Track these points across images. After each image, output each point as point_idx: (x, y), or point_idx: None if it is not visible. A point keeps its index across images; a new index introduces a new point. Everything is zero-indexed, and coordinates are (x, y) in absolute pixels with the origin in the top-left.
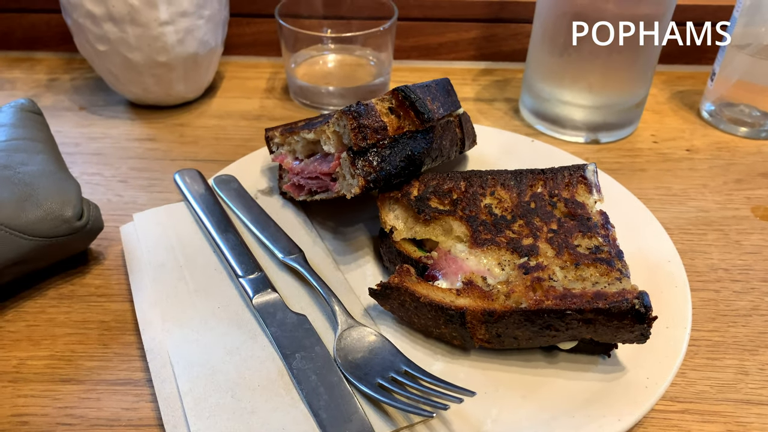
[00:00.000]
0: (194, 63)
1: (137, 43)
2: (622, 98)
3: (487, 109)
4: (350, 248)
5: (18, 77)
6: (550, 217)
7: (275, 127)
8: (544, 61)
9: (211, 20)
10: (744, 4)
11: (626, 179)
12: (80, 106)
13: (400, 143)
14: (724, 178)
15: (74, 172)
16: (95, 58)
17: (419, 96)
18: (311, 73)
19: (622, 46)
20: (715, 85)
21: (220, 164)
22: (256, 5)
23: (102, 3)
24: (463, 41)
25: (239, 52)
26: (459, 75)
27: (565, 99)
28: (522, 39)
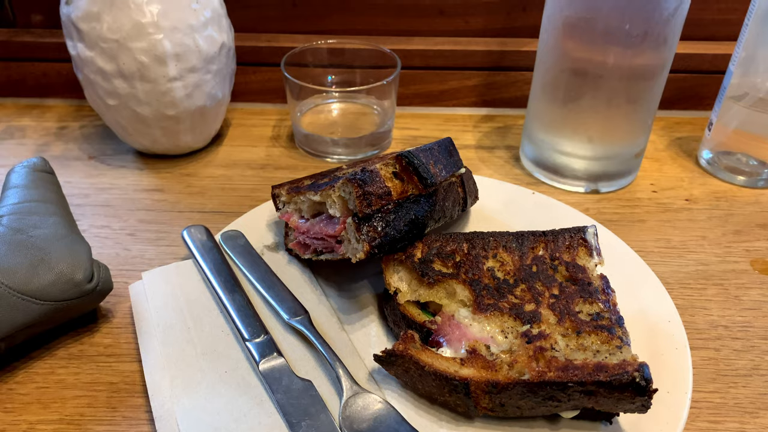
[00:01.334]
0: (202, 115)
1: (146, 98)
2: (622, 149)
3: (488, 157)
4: (355, 306)
5: (28, 125)
6: (551, 282)
7: (282, 184)
8: (544, 112)
9: (219, 74)
10: (740, 57)
11: (626, 231)
12: (89, 155)
13: (404, 208)
14: (723, 230)
15: (83, 225)
16: (105, 111)
17: (422, 161)
18: (316, 122)
19: (622, 99)
20: (712, 135)
21: (226, 216)
22: (263, 55)
23: (112, 60)
24: (464, 88)
25: (246, 99)
26: (460, 121)
27: (565, 150)
28: (522, 86)
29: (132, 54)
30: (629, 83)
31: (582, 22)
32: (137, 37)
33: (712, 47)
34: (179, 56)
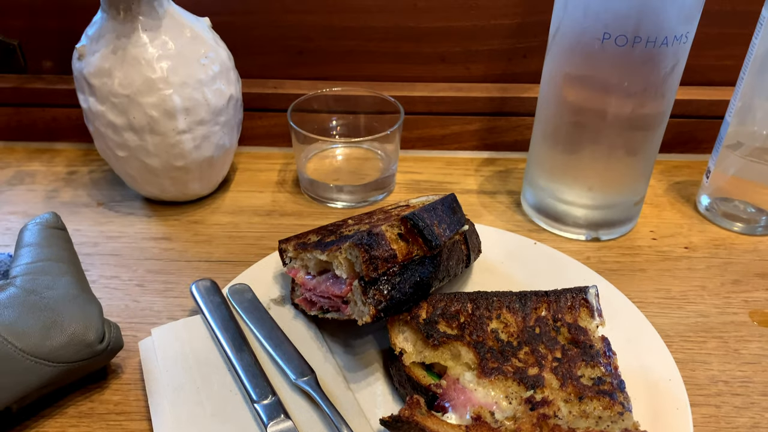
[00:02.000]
0: (210, 165)
1: (156, 150)
2: (623, 198)
3: (490, 203)
4: (360, 364)
5: (38, 170)
6: (554, 344)
7: (289, 239)
8: (545, 161)
9: (227, 125)
10: (736, 107)
11: (627, 281)
12: (98, 202)
13: (410, 270)
14: (722, 279)
15: (93, 276)
16: (115, 162)
17: (426, 223)
18: (321, 167)
19: (621, 150)
20: (710, 181)
21: (233, 266)
22: (269, 101)
23: (123, 114)
24: (466, 132)
25: (252, 143)
26: (462, 165)
27: (565, 198)
28: (523, 130)
29: (142, 109)
30: (628, 135)
31: (581, 78)
32: (147, 92)
33: (709, 93)
34: (188, 110)
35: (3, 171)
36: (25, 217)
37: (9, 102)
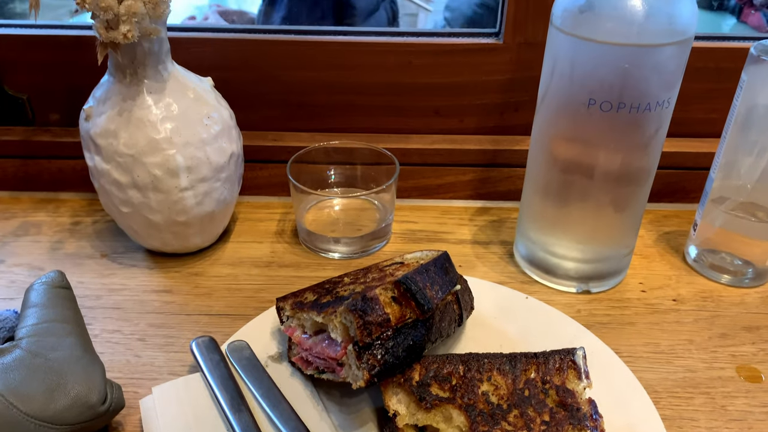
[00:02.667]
0: (210, 219)
1: (158, 206)
2: (612, 252)
3: (484, 253)
4: (356, 422)
5: (43, 220)
6: (542, 407)
7: (286, 297)
8: (536, 215)
9: (228, 180)
10: (720, 162)
11: (616, 334)
12: (102, 253)
13: (403, 333)
14: (710, 333)
15: (95, 330)
16: (118, 217)
17: (419, 286)
18: (319, 219)
19: (609, 207)
20: (697, 234)
21: (232, 319)
22: (269, 153)
23: (127, 173)
24: (460, 183)
25: (252, 193)
26: (456, 214)
27: (556, 251)
28: (515, 181)
29: (146, 168)
30: (616, 192)
31: (568, 139)
32: (151, 152)
33: (696, 145)
34: (191, 168)
35: (9, 221)
36: (30, 270)
37: (16, 154)
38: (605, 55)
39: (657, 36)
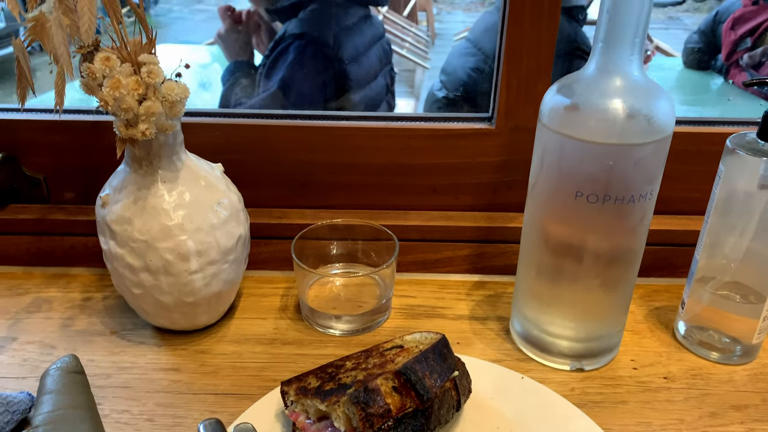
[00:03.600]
0: (218, 299)
1: (169, 288)
2: (604, 330)
3: (481, 329)
4: None
5: (55, 296)
6: None
7: (290, 381)
8: (529, 295)
9: (235, 262)
10: (704, 243)
11: (609, 413)
12: (111, 330)
13: (403, 423)
14: (700, 412)
15: (105, 410)
16: (130, 297)
17: (419, 376)
18: (321, 295)
19: (599, 289)
20: (685, 311)
21: (237, 399)
22: (274, 231)
23: (140, 257)
24: (457, 257)
25: (256, 267)
26: (454, 288)
27: (550, 330)
28: (510, 256)
29: (158, 253)
30: (605, 274)
31: (557, 225)
32: (164, 238)
33: (682, 222)
34: (201, 252)
35: (22, 297)
36: (42, 348)
37: (32, 231)
38: (590, 152)
39: (638, 135)
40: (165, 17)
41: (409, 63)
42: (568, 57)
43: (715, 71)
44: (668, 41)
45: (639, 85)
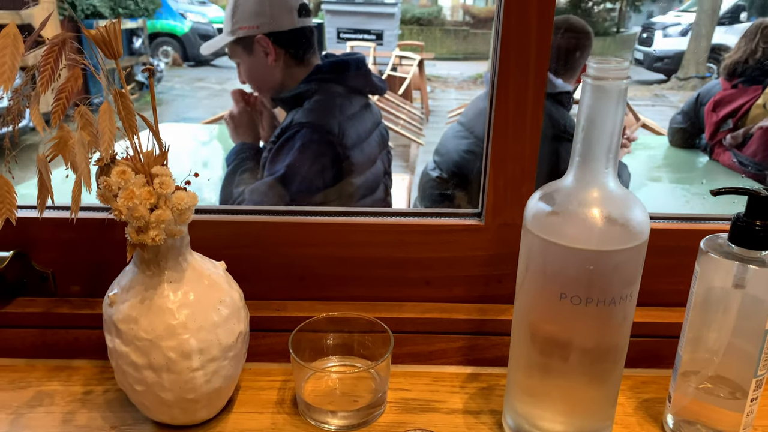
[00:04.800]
0: (217, 394)
1: (170, 386)
2: (594, 424)
3: (475, 424)
4: None
5: (56, 390)
6: None
7: None
8: (520, 389)
9: (235, 358)
10: (687, 338)
11: None
12: (111, 425)
13: None
14: None
15: None
16: (131, 393)
17: None
18: (317, 389)
19: (587, 384)
20: (672, 405)
21: None
22: (273, 323)
23: (145, 355)
24: (450, 349)
25: (254, 360)
26: (448, 380)
27: (540, 425)
28: (502, 348)
29: (162, 351)
30: (591, 372)
31: (544, 324)
32: (168, 337)
33: (666, 315)
34: (202, 350)
35: (24, 391)
36: None
37: (37, 324)
38: (571, 257)
39: (615, 242)
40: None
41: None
42: (556, 139)
43: (700, 149)
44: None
45: (614, 196)
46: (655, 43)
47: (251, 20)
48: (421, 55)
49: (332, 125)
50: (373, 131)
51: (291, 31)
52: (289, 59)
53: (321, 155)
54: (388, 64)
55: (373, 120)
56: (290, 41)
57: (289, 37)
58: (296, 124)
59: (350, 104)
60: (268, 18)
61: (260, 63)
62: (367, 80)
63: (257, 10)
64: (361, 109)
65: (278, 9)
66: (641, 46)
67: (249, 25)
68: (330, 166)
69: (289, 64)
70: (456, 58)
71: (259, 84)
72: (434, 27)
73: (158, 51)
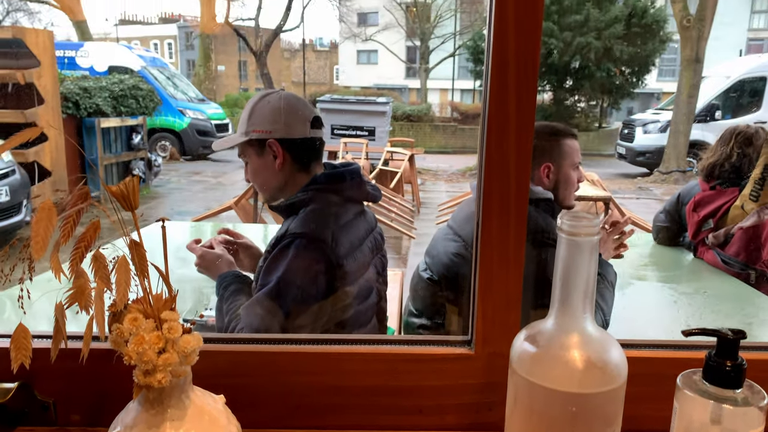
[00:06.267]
0: None
1: None
2: None
3: None
4: None
5: None
6: None
7: None
8: None
9: None
10: None
11: None
12: None
13: None
14: None
15: None
16: None
17: None
18: None
19: None
20: None
21: None
22: None
23: None
24: None
25: None
26: None
27: None
28: None
29: None
30: None
31: None
32: None
33: None
34: None
35: None
36: None
37: None
38: (555, 398)
39: (594, 385)
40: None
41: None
42: (539, 245)
43: (685, 247)
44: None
45: (593, 339)
46: (636, 139)
47: (266, 125)
48: (411, 151)
49: (326, 235)
50: (367, 237)
51: (302, 140)
52: (295, 165)
53: (314, 266)
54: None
55: (367, 227)
56: (299, 149)
57: (298, 146)
58: (290, 234)
59: (345, 213)
60: (282, 125)
61: (267, 165)
62: (361, 190)
63: (273, 117)
64: (355, 216)
65: (293, 118)
66: (623, 141)
67: (263, 129)
68: (323, 276)
69: (294, 170)
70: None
71: (262, 184)
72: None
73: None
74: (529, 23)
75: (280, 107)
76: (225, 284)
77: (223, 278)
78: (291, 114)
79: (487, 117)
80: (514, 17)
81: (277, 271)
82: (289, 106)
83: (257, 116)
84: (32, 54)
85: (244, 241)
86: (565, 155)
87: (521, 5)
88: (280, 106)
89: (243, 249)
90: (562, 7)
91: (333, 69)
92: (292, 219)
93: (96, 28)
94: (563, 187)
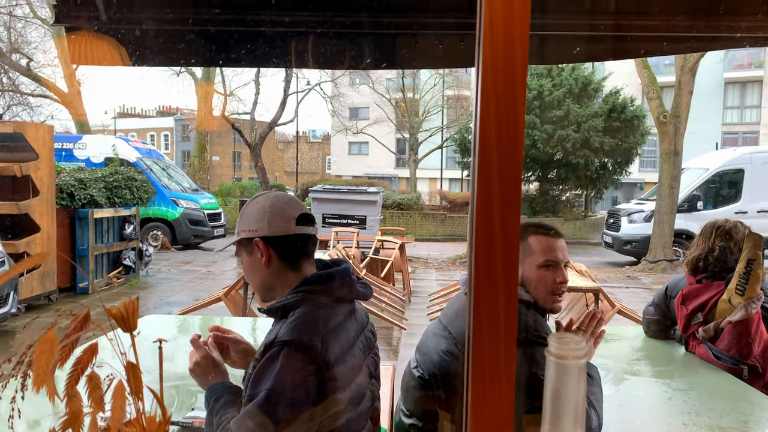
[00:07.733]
0: None
1: None
2: None
3: None
4: None
5: None
6: None
7: None
8: None
9: None
10: None
11: None
12: None
13: None
14: None
15: None
16: None
17: None
18: None
19: None
20: None
21: None
22: None
23: None
24: None
25: None
26: None
27: None
28: None
29: None
30: None
31: None
32: None
33: None
34: None
35: None
36: None
37: None
38: None
39: None
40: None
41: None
42: (529, 343)
43: (676, 341)
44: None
45: None
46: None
47: (251, 224)
48: (402, 239)
49: (315, 341)
50: (358, 338)
51: (285, 237)
52: (282, 263)
53: (304, 374)
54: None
55: (357, 327)
56: (282, 246)
57: (281, 243)
58: (279, 342)
59: (335, 315)
60: (265, 223)
61: (256, 264)
62: (352, 289)
63: (258, 216)
64: (345, 317)
65: (275, 216)
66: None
67: (248, 228)
68: (314, 384)
69: (282, 268)
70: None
71: (253, 282)
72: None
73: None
74: (512, 118)
75: (265, 206)
76: (215, 396)
77: (213, 390)
78: (275, 212)
79: (475, 209)
80: (495, 114)
81: (267, 381)
82: (274, 205)
83: (246, 216)
84: (31, 148)
85: (234, 336)
86: (527, 252)
87: (502, 103)
88: (265, 205)
89: (233, 344)
90: (544, 102)
91: (325, 159)
92: (282, 323)
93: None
94: (531, 287)
